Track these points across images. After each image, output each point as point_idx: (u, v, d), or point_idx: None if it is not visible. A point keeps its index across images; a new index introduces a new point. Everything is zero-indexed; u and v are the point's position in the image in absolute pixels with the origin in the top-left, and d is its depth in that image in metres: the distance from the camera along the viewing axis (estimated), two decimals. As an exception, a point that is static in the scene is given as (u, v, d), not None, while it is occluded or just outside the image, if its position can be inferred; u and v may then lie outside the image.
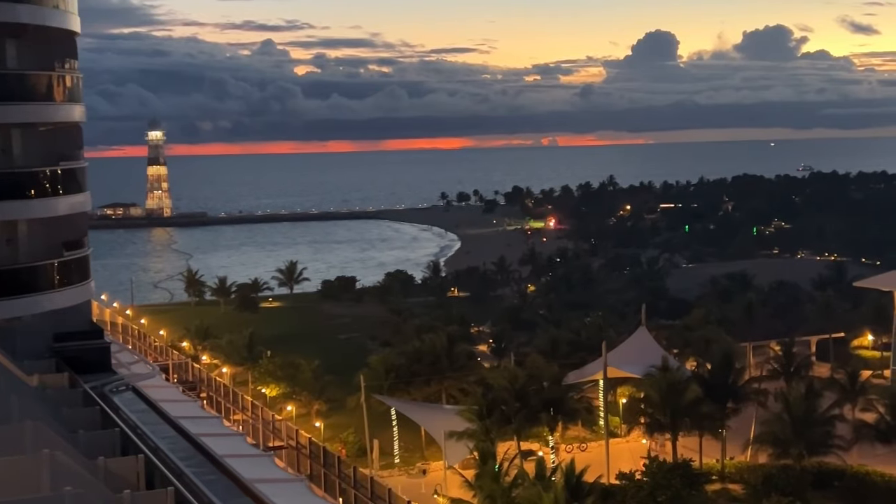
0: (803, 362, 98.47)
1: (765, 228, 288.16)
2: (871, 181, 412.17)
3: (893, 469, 73.53)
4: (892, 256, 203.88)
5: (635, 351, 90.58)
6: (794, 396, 74.58)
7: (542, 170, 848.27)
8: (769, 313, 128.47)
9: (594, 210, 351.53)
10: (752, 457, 78.52)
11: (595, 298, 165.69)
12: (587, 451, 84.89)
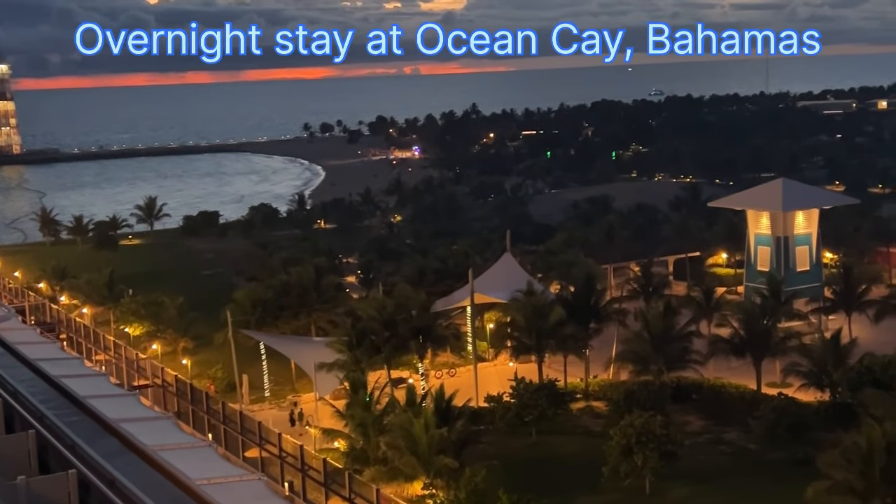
0: (661, 282, 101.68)
1: (623, 153, 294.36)
2: (723, 104, 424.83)
3: (747, 380, 76.99)
4: (744, 177, 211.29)
5: (501, 277, 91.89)
6: (653, 315, 76.98)
7: (406, 99, 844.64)
8: (629, 235, 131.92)
9: (458, 139, 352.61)
10: (615, 374, 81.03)
11: (461, 226, 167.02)
12: (456, 376, 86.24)
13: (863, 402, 61.49)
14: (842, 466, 51.95)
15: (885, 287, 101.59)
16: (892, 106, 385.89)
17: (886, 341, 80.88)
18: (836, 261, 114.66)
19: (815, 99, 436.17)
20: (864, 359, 70.16)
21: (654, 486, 60.39)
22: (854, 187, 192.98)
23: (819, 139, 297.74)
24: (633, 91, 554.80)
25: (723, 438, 70.16)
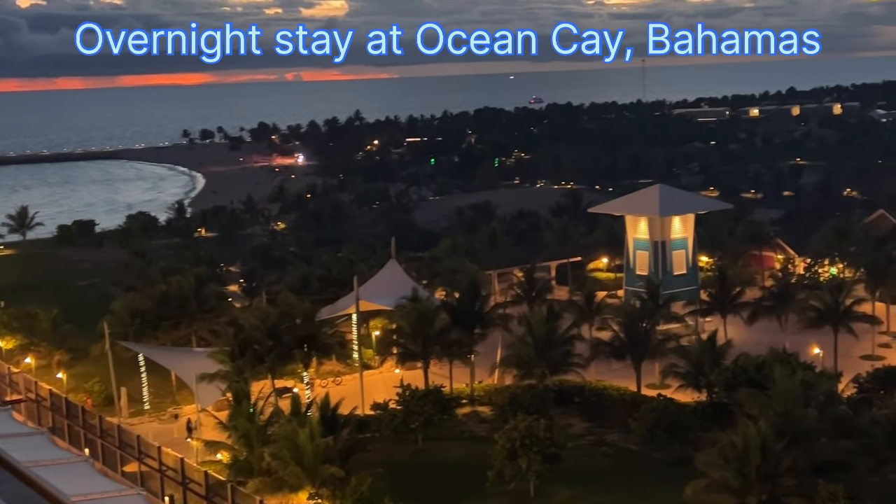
0: (544, 287, 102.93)
1: (506, 160, 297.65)
2: (602, 112, 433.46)
3: (627, 382, 78.48)
4: (623, 183, 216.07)
5: (386, 283, 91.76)
6: (536, 319, 77.82)
7: (288, 105, 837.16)
8: (512, 241, 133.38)
9: (342, 145, 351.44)
10: (500, 379, 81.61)
11: (346, 233, 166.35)
12: (342, 384, 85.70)
13: (738, 401, 63.25)
14: (719, 465, 53.40)
15: (758, 289, 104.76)
16: (763, 113, 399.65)
17: (760, 342, 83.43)
18: (711, 264, 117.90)
19: (690, 107, 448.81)
20: (738, 359, 72.14)
21: (539, 488, 60.99)
22: (728, 192, 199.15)
23: (694, 146, 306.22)
24: (514, 99, 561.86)
25: (604, 440, 71.32)
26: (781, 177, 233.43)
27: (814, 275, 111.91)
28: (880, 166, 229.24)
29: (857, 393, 70.41)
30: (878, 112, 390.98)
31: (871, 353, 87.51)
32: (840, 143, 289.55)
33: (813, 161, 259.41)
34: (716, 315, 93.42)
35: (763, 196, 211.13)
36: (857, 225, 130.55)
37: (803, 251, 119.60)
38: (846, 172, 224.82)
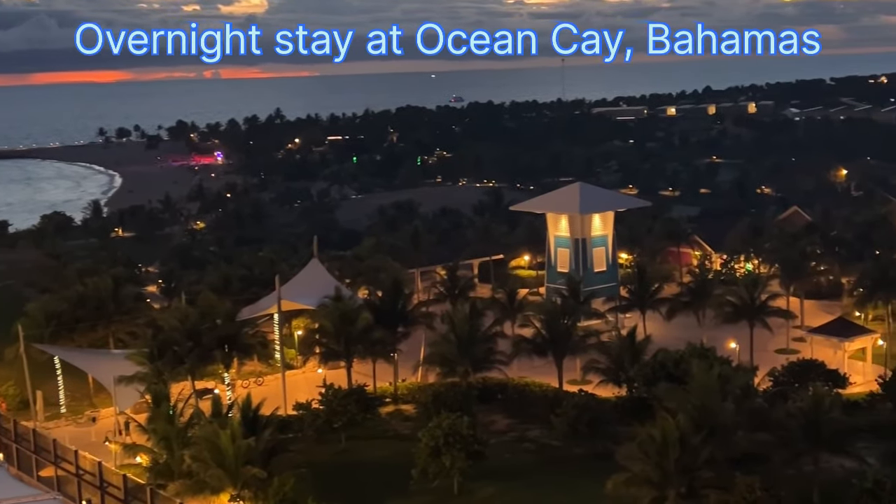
0: (467, 284, 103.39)
1: (428, 158, 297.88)
2: (523, 110, 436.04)
3: (549, 379, 79.12)
4: (544, 181, 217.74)
5: (309, 283, 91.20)
6: (459, 317, 78.04)
7: (207, 103, 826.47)
8: (434, 240, 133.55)
9: (262, 144, 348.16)
10: (423, 377, 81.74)
11: (267, 233, 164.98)
12: (264, 384, 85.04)
13: (657, 396, 64.20)
14: (639, 458, 54.18)
15: (676, 285, 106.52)
16: (680, 112, 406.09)
17: (678, 337, 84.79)
18: (630, 261, 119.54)
19: (609, 106, 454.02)
20: (657, 354, 73.20)
21: (462, 486, 61.22)
22: (646, 190, 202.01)
23: (613, 144, 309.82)
24: (437, 97, 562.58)
25: (527, 436, 71.88)
26: (698, 175, 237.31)
27: (730, 271, 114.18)
28: (794, 164, 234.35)
29: (772, 386, 72.03)
30: (791, 111, 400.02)
31: (786, 347, 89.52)
32: (755, 141, 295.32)
33: (729, 159, 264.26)
34: (635, 311, 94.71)
35: (680, 194, 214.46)
36: (771, 222, 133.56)
37: (720, 248, 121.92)
38: (761, 170, 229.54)
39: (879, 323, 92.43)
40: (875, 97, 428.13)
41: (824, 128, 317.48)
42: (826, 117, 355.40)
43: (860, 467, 58.68)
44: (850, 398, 71.02)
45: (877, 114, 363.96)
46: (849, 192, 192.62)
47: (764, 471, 56.98)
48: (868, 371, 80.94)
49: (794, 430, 58.56)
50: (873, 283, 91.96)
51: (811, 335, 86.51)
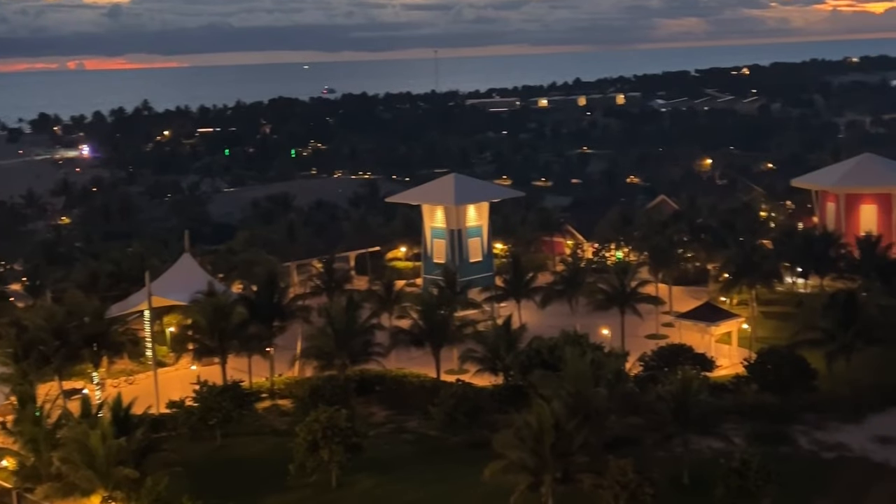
0: (343, 277, 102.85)
1: (302, 150, 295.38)
2: (397, 102, 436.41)
3: (427, 369, 79.46)
4: (419, 173, 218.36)
5: (180, 278, 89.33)
6: (336, 310, 77.72)
7: (70, 95, 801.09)
8: (310, 233, 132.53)
9: (130, 137, 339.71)
10: (300, 371, 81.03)
11: (136, 227, 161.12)
12: (135, 383, 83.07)
13: (533, 383, 65.15)
14: (515, 446, 54.91)
15: (549, 274, 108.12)
16: (552, 104, 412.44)
17: (552, 325, 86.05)
18: (505, 251, 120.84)
19: (483, 97, 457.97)
20: (532, 342, 74.22)
21: (341, 479, 61.03)
22: (520, 181, 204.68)
23: (487, 135, 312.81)
24: (309, 89, 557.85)
25: (406, 427, 72.08)
26: (570, 165, 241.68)
27: (601, 259, 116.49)
28: (661, 154, 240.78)
29: (643, 371, 73.89)
30: (658, 102, 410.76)
31: (656, 333, 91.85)
32: (624, 131, 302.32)
33: (599, 150, 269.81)
34: (511, 300, 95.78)
35: (553, 184, 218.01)
36: (640, 210, 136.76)
37: (591, 236, 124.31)
38: (629, 160, 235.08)
39: (744, 307, 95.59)
40: (737, 88, 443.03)
41: (689, 118, 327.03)
42: (691, 108, 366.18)
43: (727, 447, 60.79)
44: (716, 381, 73.31)
45: (739, 105, 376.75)
46: (713, 180, 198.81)
47: (636, 453, 58.43)
48: (734, 354, 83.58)
49: (665, 413, 60.22)
50: (738, 269, 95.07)
51: (679, 320, 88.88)
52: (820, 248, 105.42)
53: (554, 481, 54.38)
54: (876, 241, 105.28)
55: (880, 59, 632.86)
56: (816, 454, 64.57)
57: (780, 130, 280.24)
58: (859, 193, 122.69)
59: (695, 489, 58.16)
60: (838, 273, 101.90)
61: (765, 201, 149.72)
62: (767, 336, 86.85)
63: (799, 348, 73.77)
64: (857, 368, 74.26)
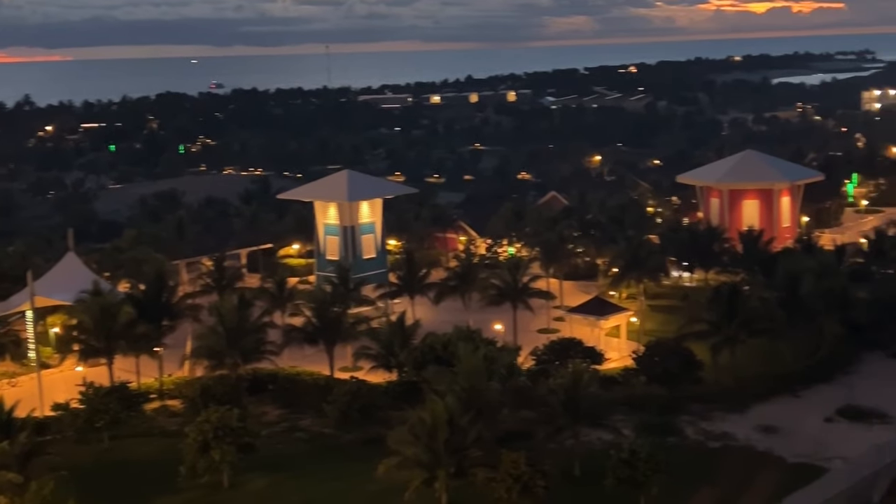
0: (235, 275, 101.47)
1: (191, 146, 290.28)
2: (288, 97, 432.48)
3: (321, 367, 79.01)
4: (312, 169, 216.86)
5: (65, 277, 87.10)
6: (227, 308, 76.59)
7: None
8: (200, 230, 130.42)
9: (10, 132, 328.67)
10: (191, 371, 79.67)
11: (18, 226, 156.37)
12: (18, 385, 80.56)
13: (426, 379, 65.38)
14: (409, 442, 55.04)
15: (443, 270, 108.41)
16: (444, 100, 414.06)
17: (446, 320, 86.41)
18: (399, 247, 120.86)
19: (375, 93, 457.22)
20: (426, 338, 74.45)
21: (233, 479, 60.27)
22: (413, 177, 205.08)
23: (380, 132, 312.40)
24: (198, 84, 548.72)
25: (299, 425, 71.50)
26: (462, 162, 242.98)
27: (494, 255, 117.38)
28: (551, 150, 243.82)
29: (535, 365, 74.76)
30: (548, 99, 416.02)
31: (547, 327, 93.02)
32: (515, 128, 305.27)
33: (491, 146, 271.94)
34: (404, 296, 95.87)
35: (446, 180, 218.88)
36: (531, 206, 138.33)
37: (484, 232, 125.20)
38: (521, 157, 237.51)
39: (633, 301, 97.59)
40: (625, 86, 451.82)
41: (579, 116, 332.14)
42: (580, 105, 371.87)
43: (617, 439, 61.98)
44: (606, 374, 74.63)
45: (627, 102, 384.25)
46: (602, 177, 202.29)
47: (528, 446, 59.09)
48: (623, 347, 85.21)
49: (556, 406, 61.06)
50: (626, 264, 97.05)
51: (570, 314, 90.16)
52: (704, 242, 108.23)
53: (448, 476, 54.65)
54: (758, 235, 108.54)
55: (762, 59, 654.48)
56: (703, 444, 66.29)
57: (666, 128, 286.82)
58: (742, 189, 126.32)
59: (586, 480, 59.13)
60: (722, 267, 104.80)
61: (652, 197, 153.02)
62: (655, 329, 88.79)
63: (685, 341, 75.59)
64: (740, 359, 76.42)
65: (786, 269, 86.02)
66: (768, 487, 58.87)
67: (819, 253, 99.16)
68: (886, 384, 74.86)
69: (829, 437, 66.33)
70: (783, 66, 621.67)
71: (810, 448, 64.42)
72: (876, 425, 67.99)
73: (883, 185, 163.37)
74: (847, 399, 71.42)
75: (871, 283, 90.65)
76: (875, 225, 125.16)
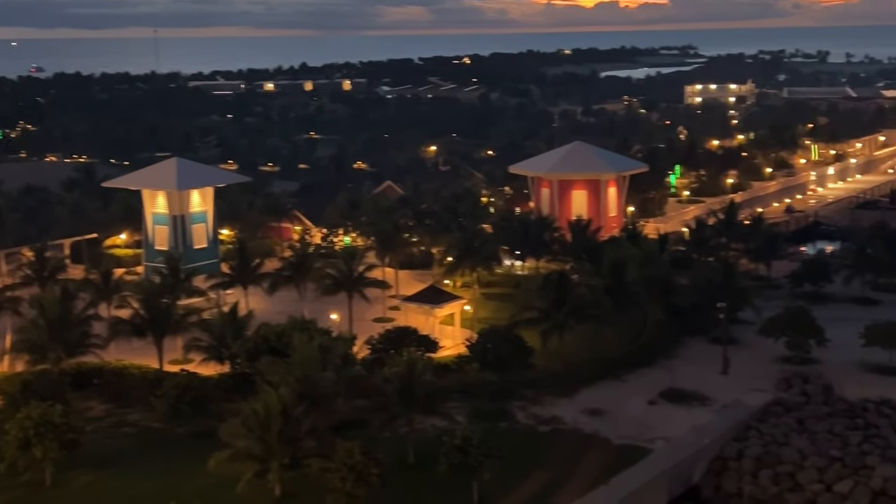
0: (57, 266, 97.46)
1: (10, 132, 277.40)
2: (115, 82, 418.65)
3: (149, 360, 76.91)
4: (140, 156, 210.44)
5: None
6: (49, 301, 73.76)
7: None
8: (20, 219, 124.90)
9: None
10: (10, 366, 76.38)
11: None
12: None
13: (260, 370, 64.60)
14: (242, 434, 54.34)
15: (277, 260, 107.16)
16: (278, 88, 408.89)
17: (280, 311, 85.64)
18: (231, 237, 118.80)
19: (206, 80, 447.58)
20: (260, 329, 73.56)
21: (57, 477, 58.19)
22: (246, 166, 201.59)
23: (211, 119, 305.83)
24: (17, 67, 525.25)
25: (127, 420, 69.58)
26: (297, 150, 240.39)
27: (329, 244, 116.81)
28: (387, 140, 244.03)
29: (370, 354, 74.90)
30: (383, 89, 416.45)
31: (383, 316, 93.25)
32: (350, 117, 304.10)
33: (326, 135, 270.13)
34: (237, 287, 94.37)
35: (280, 169, 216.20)
36: (367, 196, 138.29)
37: (319, 222, 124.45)
38: (356, 146, 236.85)
39: (467, 289, 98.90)
40: (459, 77, 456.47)
41: (414, 105, 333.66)
42: (415, 95, 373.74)
43: (450, 425, 62.79)
44: (440, 361, 75.34)
45: (461, 93, 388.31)
46: (437, 167, 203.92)
47: (363, 435, 59.23)
48: (457, 335, 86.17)
49: (391, 394, 61.36)
50: (460, 253, 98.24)
51: (405, 303, 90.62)
52: (535, 231, 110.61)
53: (281, 467, 54.23)
54: (586, 224, 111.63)
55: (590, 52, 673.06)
56: (533, 428, 67.85)
57: (499, 119, 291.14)
58: (571, 180, 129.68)
59: (420, 467, 59.69)
60: (552, 255, 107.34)
61: (485, 187, 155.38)
62: (488, 317, 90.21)
63: (517, 328, 77.08)
64: (569, 345, 78.61)
65: (612, 257, 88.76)
66: (595, 469, 60.78)
67: (643, 242, 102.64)
68: (706, 368, 78.27)
69: (653, 419, 68.93)
70: (611, 59, 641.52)
71: (634, 430, 66.83)
72: (696, 407, 71.03)
73: (703, 176, 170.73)
74: (669, 382, 74.37)
75: (691, 271, 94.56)
76: (696, 214, 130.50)
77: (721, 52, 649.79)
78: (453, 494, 56.75)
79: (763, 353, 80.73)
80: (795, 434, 63.93)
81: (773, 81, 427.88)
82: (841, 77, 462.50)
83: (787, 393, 72.23)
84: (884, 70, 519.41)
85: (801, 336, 79.33)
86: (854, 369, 77.20)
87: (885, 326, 78.10)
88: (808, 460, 60.94)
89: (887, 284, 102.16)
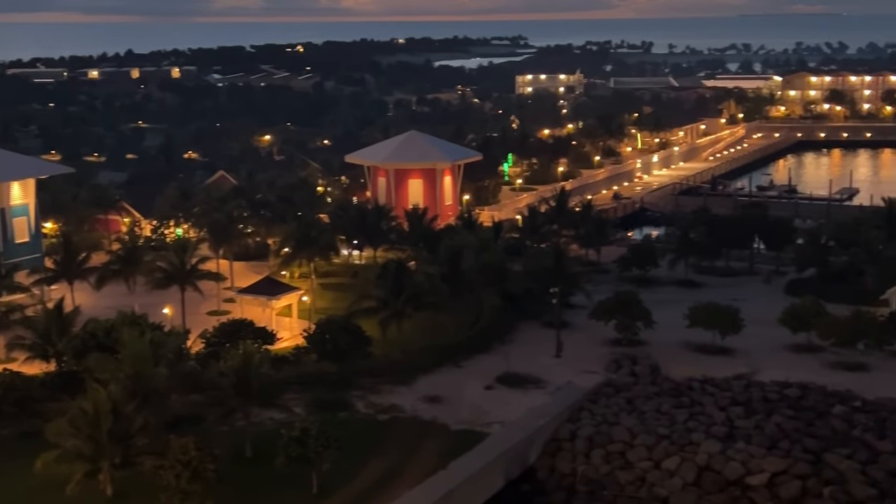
0: None
1: None
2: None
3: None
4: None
5: None
6: None
7: None
8: None
9: None
10: None
11: None
12: None
13: (88, 367, 62.44)
14: (70, 433, 52.52)
15: (105, 254, 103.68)
16: (103, 76, 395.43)
17: (109, 305, 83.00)
18: (55, 230, 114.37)
19: (26, 67, 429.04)
20: (87, 325, 71.08)
21: None
22: (70, 156, 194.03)
23: (32, 107, 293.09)
24: None
25: (-55, 424, 66.07)
26: (124, 140, 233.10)
27: (160, 236, 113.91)
28: (218, 129, 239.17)
29: (205, 348, 73.43)
30: (214, 76, 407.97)
31: (218, 309, 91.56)
32: (180, 106, 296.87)
33: (154, 124, 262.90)
34: (62, 282, 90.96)
35: (106, 159, 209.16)
36: (199, 186, 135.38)
37: (149, 213, 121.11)
38: (186, 135, 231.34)
39: (304, 280, 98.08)
40: (293, 65, 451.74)
41: (246, 94, 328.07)
42: (248, 84, 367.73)
43: (289, 418, 62.28)
44: (278, 353, 74.58)
45: (295, 81, 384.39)
46: (272, 156, 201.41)
47: (199, 430, 58.09)
48: (294, 326, 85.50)
49: (227, 388, 60.39)
50: (297, 243, 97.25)
51: (241, 295, 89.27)
52: (372, 221, 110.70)
53: (112, 467, 52.67)
54: (422, 213, 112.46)
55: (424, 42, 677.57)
56: (372, 417, 67.94)
57: (334, 107, 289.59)
58: (407, 169, 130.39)
59: (258, 461, 58.95)
60: (390, 244, 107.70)
61: (321, 176, 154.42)
62: (326, 307, 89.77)
63: (355, 317, 77.00)
64: (407, 333, 79.09)
65: (448, 245, 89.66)
66: (434, 455, 61.34)
67: (479, 229, 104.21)
68: (540, 351, 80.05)
69: (489, 403, 70.06)
70: (444, 49, 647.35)
71: (472, 415, 67.79)
72: (531, 390, 72.57)
73: (535, 164, 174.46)
74: (505, 367, 75.74)
75: (525, 257, 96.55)
76: (528, 202, 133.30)
77: (550, 43, 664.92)
78: (292, 486, 56.33)
79: (594, 336, 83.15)
80: (625, 413, 66.04)
81: (600, 72, 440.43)
82: (664, 67, 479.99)
83: (617, 374, 74.59)
84: (704, 60, 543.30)
85: (629, 319, 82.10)
86: (679, 349, 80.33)
87: (707, 308, 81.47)
88: (637, 439, 63.01)
89: (709, 267, 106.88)
